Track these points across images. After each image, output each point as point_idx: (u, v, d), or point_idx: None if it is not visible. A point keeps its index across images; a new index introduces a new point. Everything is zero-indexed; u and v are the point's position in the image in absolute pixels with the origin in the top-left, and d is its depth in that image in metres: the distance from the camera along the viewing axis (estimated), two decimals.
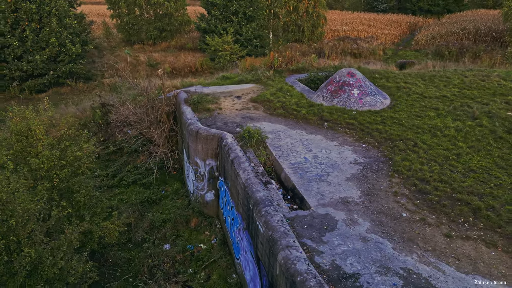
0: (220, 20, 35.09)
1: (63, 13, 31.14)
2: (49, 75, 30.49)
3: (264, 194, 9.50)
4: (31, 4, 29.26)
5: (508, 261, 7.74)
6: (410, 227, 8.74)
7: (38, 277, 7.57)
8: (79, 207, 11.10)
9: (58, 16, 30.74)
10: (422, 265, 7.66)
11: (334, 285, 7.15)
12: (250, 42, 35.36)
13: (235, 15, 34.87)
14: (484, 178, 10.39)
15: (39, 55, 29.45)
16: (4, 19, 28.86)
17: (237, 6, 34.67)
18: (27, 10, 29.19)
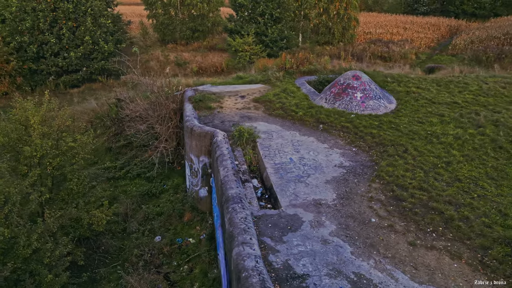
0: (246, 21, 35.49)
1: (98, 13, 32.81)
2: (83, 71, 32.24)
3: (236, 192, 9.68)
4: (69, 4, 31.09)
5: (469, 274, 7.45)
6: (376, 232, 8.60)
7: (13, 256, 8.22)
8: (73, 194, 11.80)
9: (93, 15, 32.45)
10: (376, 271, 7.54)
11: (280, 284, 7.22)
12: (275, 43, 35.48)
13: (262, 16, 35.13)
14: (469, 188, 9.97)
15: (73, 52, 31.22)
16: (44, 18, 30.83)
17: (264, 7, 34.92)
18: (65, 9, 31.05)
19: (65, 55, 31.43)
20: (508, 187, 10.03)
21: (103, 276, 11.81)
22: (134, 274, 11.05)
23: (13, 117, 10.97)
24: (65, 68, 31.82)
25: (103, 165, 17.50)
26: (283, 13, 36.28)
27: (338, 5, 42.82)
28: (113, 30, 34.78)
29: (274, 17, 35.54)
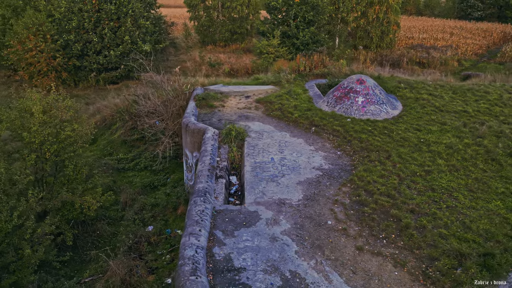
0: (279, 23, 35.78)
1: (138, 14, 34.67)
2: (121, 69, 34.22)
3: (203, 186, 10.10)
4: (111, 5, 33.17)
5: (407, 284, 7.29)
6: (327, 235, 8.61)
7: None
8: (71, 180, 12.82)
9: (134, 17, 34.34)
10: (313, 272, 7.60)
11: (214, 275, 7.52)
12: (307, 46, 35.42)
13: (294, 19, 35.25)
14: (440, 198, 9.63)
15: (113, 51, 33.24)
16: (88, 18, 33.14)
17: (297, 10, 35.02)
18: (108, 10, 33.15)
19: (105, 53, 33.54)
20: (484, 200, 9.56)
21: (93, 258, 12.70)
22: (116, 258, 11.79)
23: (18, 105, 12.20)
24: (106, 66, 33.96)
25: (116, 156, 18.65)
26: (317, 16, 36.14)
27: (378, 8, 41.87)
28: (152, 31, 36.54)
29: (307, 20, 35.49)
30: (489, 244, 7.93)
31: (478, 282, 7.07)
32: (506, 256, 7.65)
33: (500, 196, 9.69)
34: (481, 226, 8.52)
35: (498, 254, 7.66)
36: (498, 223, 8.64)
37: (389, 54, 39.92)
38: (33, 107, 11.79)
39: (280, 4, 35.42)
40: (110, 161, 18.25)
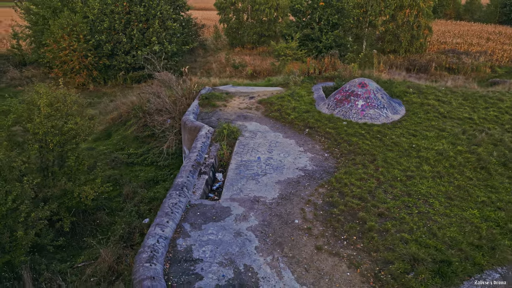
0: (303, 26, 35.81)
1: (166, 16, 35.87)
2: (147, 68, 35.49)
3: (181, 180, 10.50)
4: (141, 7, 34.56)
5: (357, 284, 7.30)
6: (291, 233, 8.74)
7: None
8: (74, 170, 13.65)
9: (161, 18, 35.58)
10: (266, 267, 7.78)
11: (171, 263, 7.87)
12: (330, 49, 35.20)
13: (318, 22, 35.17)
14: (414, 203, 9.48)
15: (140, 51, 34.60)
16: (119, 20, 34.71)
17: (321, 13, 34.92)
18: (137, 12, 34.57)
19: (133, 53, 34.97)
20: (460, 208, 9.31)
21: (89, 245, 13.44)
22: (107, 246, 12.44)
23: (26, 99, 13.16)
24: (133, 65, 35.39)
25: (127, 151, 19.52)
26: (342, 20, 35.85)
27: (408, 12, 40.88)
28: (179, 32, 37.66)
29: (331, 23, 35.29)
30: (450, 252, 7.77)
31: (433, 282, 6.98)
32: (464, 264, 7.48)
33: (479, 205, 9.40)
34: (448, 233, 8.34)
35: (456, 262, 7.51)
36: (468, 231, 8.42)
37: (418, 59, 38.89)
38: (39, 100, 12.70)
39: (305, 7, 35.47)
40: (121, 155, 19.12)
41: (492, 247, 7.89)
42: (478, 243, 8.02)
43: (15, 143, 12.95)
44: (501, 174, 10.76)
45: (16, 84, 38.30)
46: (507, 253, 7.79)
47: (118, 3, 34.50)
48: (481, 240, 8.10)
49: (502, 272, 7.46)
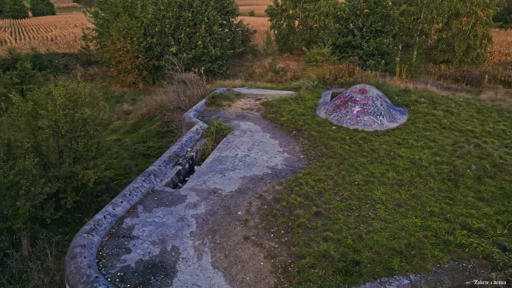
0: (345, 33, 35.52)
1: (213, 21, 37.71)
2: (192, 70, 37.53)
3: (152, 168, 11.51)
4: (189, 13, 36.74)
5: (264, 273, 7.67)
6: (229, 223, 9.28)
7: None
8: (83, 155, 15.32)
9: (208, 23, 37.48)
10: (191, 250, 8.43)
11: (110, 237, 8.82)
12: (372, 57, 34.52)
13: (360, 29, 34.70)
14: (359, 207, 9.51)
15: (186, 54, 36.75)
16: (169, 24, 37.21)
17: (364, 20, 34.42)
18: (186, 18, 36.82)
19: (180, 56, 37.20)
20: (403, 215, 9.16)
21: None
22: None
23: (45, 90, 15.08)
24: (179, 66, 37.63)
25: (147, 144, 21.14)
26: (387, 27, 34.98)
27: (465, 20, 38.68)
28: (225, 37, 39.30)
29: (373, 30, 34.60)
30: (365, 254, 7.81)
31: (329, 283, 7.17)
32: (374, 267, 7.50)
33: (425, 215, 9.16)
34: (376, 237, 8.34)
35: (367, 263, 7.56)
36: (398, 237, 8.33)
37: (471, 70, 36.63)
38: (54, 91, 14.52)
39: (347, 14, 35.21)
40: (141, 147, 20.76)
41: (413, 255, 7.78)
42: (400, 249, 7.93)
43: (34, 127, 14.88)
44: (468, 188, 10.28)
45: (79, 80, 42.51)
46: (428, 262, 7.64)
47: (170, 9, 36.97)
48: (406, 247, 8.00)
49: (413, 279, 7.36)
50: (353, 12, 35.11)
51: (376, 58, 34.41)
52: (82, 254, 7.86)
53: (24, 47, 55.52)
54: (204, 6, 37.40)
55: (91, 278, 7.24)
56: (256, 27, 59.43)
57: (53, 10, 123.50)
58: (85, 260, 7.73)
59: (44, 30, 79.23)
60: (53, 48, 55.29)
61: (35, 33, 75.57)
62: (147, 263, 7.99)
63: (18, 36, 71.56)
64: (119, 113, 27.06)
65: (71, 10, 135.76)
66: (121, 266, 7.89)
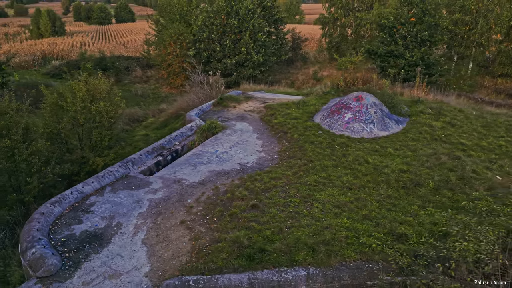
0: (389, 42, 34.70)
1: (258, 29, 39.00)
2: (234, 75, 39.14)
3: (132, 157, 12.81)
4: (235, 20, 38.41)
5: (182, 252, 8.41)
6: (176, 208, 10.15)
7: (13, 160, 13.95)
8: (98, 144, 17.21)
9: (253, 31, 38.84)
10: (132, 226, 9.44)
11: (71, 209, 10.16)
12: (415, 67, 33.28)
13: (404, 38, 33.68)
14: (297, 204, 9.85)
15: (229, 59, 38.41)
16: (216, 31, 39.20)
17: (408, 29, 33.38)
18: (232, 25, 38.55)
19: (223, 61, 38.99)
20: (335, 215, 9.31)
21: None
22: None
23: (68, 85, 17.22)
24: (224, 72, 39.40)
25: None
26: (435, 37, 33.55)
27: None
28: (269, 44, 40.37)
29: (419, 40, 33.38)
30: (275, 245, 8.22)
31: (229, 265, 7.75)
32: (277, 257, 7.89)
33: (358, 217, 9.24)
34: (296, 232, 8.67)
35: (272, 252, 7.98)
36: (317, 234, 8.58)
37: None
38: (75, 85, 16.57)
39: (391, 23, 34.40)
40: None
41: (322, 251, 8.03)
42: (312, 245, 8.21)
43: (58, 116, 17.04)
44: (419, 197, 10.06)
45: (136, 81, 46.32)
46: (333, 259, 7.85)
47: (218, 16, 38.96)
48: (319, 243, 8.25)
49: (312, 272, 7.64)
50: (398, 21, 34.20)
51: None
52: (38, 220, 9.26)
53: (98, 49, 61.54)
54: (250, 14, 38.81)
55: (35, 238, 8.57)
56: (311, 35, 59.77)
57: (133, 18, 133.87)
58: (38, 224, 9.10)
59: (120, 35, 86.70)
60: (122, 51, 60.57)
61: (112, 38, 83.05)
62: (89, 234, 9.16)
63: (97, 40, 79.23)
64: (154, 111, 29.22)
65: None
66: (67, 234, 9.14)
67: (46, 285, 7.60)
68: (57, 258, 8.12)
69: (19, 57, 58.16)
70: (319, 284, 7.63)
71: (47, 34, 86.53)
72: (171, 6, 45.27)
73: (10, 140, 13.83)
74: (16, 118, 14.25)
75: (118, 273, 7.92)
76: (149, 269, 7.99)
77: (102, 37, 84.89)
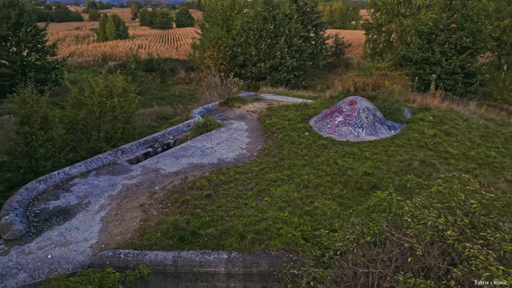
0: (426, 49, 33.51)
1: (294, 34, 39.47)
2: (268, 79, 39.91)
3: (123, 147, 14.04)
4: (271, 25, 39.22)
5: (128, 230, 9.31)
6: (142, 193, 11.12)
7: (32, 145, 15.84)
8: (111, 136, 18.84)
9: (289, 36, 39.40)
10: (98, 204, 10.53)
11: (54, 188, 11.50)
12: (453, 75, 31.86)
13: (442, 45, 32.37)
14: (248, 196, 10.37)
15: (264, 63, 39.27)
16: (253, 36, 40.27)
17: (447, 35, 32.04)
18: (268, 29, 39.40)
19: (258, 65, 39.91)
20: (279, 209, 9.65)
21: None
22: None
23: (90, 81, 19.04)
24: (257, 75, 40.35)
25: None
26: (477, 44, 31.87)
27: None
28: (305, 49, 40.65)
29: (458, 48, 31.88)
30: (208, 230, 8.84)
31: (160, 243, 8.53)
32: (207, 240, 8.52)
33: (300, 212, 9.52)
34: (235, 220, 9.18)
35: (203, 236, 8.64)
36: (251, 224, 9.02)
37: None
38: (92, 81, 18.32)
39: (430, 29, 33.23)
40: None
41: (248, 238, 8.52)
42: (242, 232, 8.71)
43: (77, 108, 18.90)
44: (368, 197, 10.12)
45: (179, 82, 48.71)
46: (257, 247, 8.29)
47: (255, 21, 40.04)
48: (250, 232, 8.74)
49: (233, 256, 8.16)
50: (437, 27, 32.95)
51: (457, 78, 31.59)
52: (21, 193, 10.68)
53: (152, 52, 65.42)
54: (287, 19, 39.39)
55: (12, 208, 9.94)
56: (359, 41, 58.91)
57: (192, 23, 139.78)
58: (19, 197, 10.51)
59: (176, 39, 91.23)
60: (172, 54, 63.89)
61: (168, 41, 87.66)
62: (60, 208, 10.40)
63: (154, 43, 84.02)
64: (182, 110, 30.81)
65: None
66: (42, 207, 10.45)
67: (8, 246, 8.88)
68: (23, 226, 9.39)
69: (82, 58, 63.71)
70: (238, 268, 8.15)
71: (112, 37, 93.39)
72: (215, 11, 47.18)
73: (29, 127, 15.72)
74: (36, 108, 16.13)
75: (69, 242, 9.00)
76: (95, 242, 8.99)
77: (159, 41, 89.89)
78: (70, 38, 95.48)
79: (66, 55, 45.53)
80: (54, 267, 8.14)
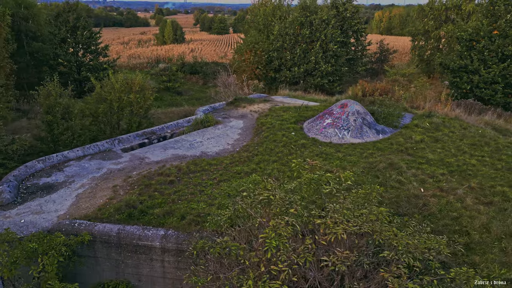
0: (464, 56, 32.06)
1: (330, 39, 39.53)
2: (301, 84, 40.28)
3: (122, 137, 15.47)
4: (307, 30, 39.62)
5: (95, 205, 10.53)
6: (120, 176, 12.35)
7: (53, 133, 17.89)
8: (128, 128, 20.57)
9: (325, 41, 39.54)
10: (79, 184, 11.91)
11: (51, 168, 13.12)
12: (491, 85, 30.19)
13: (481, 53, 30.80)
14: (208, 185, 11.17)
15: (297, 68, 39.73)
16: (289, 41, 40.91)
17: (488, 42, 30.44)
18: (304, 35, 39.84)
19: (292, 69, 40.42)
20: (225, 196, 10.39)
21: None
22: None
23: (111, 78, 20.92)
24: (291, 80, 40.85)
25: None
26: None
27: None
28: (340, 54, 40.48)
29: (499, 55, 30.15)
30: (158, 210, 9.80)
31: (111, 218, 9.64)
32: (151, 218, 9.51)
33: None
34: (184, 203, 10.08)
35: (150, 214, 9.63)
36: (197, 208, 9.88)
37: None
38: (113, 78, 20.18)
39: (470, 36, 31.76)
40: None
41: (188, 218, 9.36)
42: (184, 214, 9.56)
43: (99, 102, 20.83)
44: None
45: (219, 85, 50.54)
46: (194, 227, 9.12)
47: (292, 26, 40.70)
48: (190, 214, 9.57)
49: (169, 233, 9.04)
50: (477, 33, 31.42)
51: (495, 87, 29.85)
52: (19, 169, 12.40)
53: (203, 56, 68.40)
54: (324, 24, 39.56)
55: (7, 180, 11.63)
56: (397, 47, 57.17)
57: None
58: (17, 172, 12.23)
59: (230, 44, 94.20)
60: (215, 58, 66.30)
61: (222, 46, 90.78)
62: (48, 184, 11.94)
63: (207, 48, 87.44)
64: None
65: None
66: (34, 182, 12.07)
67: None
68: (11, 195, 11.00)
69: (137, 60, 68.31)
70: (171, 243, 9.01)
71: (169, 42, 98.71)
72: (257, 16, 48.48)
73: (52, 116, 17.79)
74: (58, 100, 18.20)
75: (42, 211, 10.41)
76: (63, 213, 10.31)
77: (213, 45, 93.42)
78: (133, 42, 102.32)
79: (115, 57, 49.02)
80: (22, 229, 9.54)
